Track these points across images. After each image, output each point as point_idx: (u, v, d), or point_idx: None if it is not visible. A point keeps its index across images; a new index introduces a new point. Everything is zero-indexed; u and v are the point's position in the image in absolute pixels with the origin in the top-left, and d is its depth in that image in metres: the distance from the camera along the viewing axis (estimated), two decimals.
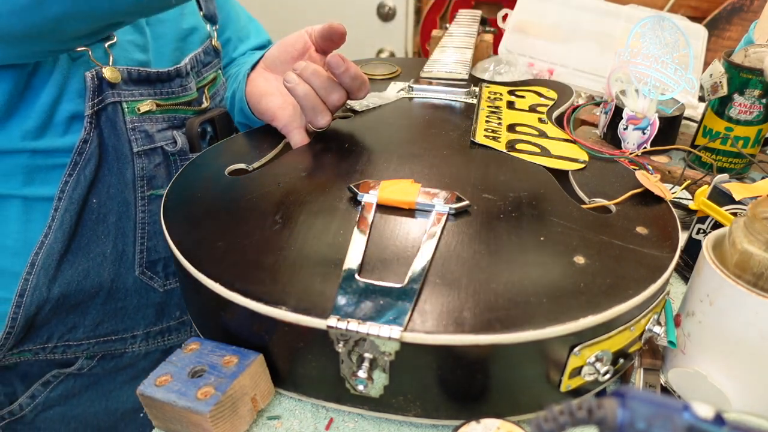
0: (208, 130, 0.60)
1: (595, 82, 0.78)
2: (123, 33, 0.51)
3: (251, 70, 0.56)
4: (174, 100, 0.55)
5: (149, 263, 0.55)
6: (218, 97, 0.63)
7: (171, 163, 0.56)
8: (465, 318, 0.31)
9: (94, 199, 0.51)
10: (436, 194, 0.39)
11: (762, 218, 0.31)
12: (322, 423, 0.35)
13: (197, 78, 0.59)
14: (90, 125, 0.49)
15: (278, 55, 0.55)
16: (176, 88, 0.55)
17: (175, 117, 0.56)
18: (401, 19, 1.50)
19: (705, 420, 0.17)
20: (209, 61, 0.61)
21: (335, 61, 0.47)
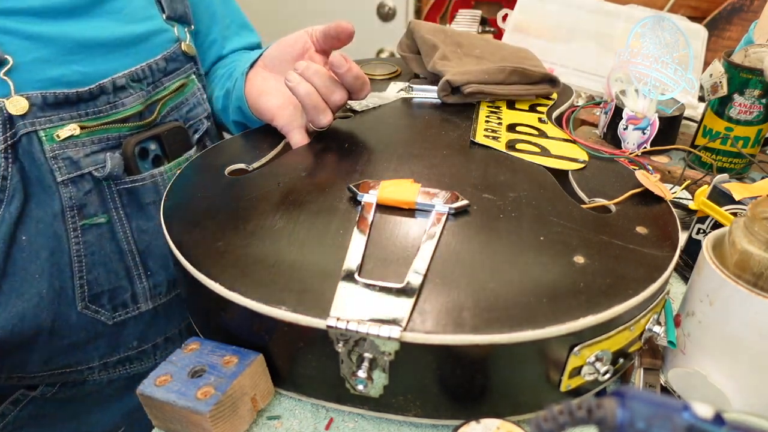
0: (151, 148, 0.53)
1: (595, 82, 0.78)
2: (25, 51, 0.45)
3: (249, 69, 0.55)
4: (103, 119, 0.49)
5: (92, 297, 0.51)
6: (186, 107, 0.57)
7: (104, 188, 0.50)
8: (465, 318, 0.31)
9: (23, 236, 0.47)
10: (436, 194, 0.39)
11: (762, 218, 0.31)
12: (322, 423, 0.35)
13: (151, 89, 0.53)
14: (6, 161, 0.45)
15: (277, 55, 0.54)
16: (103, 106, 0.49)
17: (108, 137, 0.50)
18: (401, 19, 1.50)
19: (705, 420, 0.17)
20: (174, 68, 0.55)
21: (338, 60, 0.46)
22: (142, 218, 0.52)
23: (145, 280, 0.54)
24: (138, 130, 0.52)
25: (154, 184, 0.52)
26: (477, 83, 0.56)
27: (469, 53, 0.64)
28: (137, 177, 0.51)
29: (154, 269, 0.54)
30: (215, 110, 0.63)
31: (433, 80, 0.61)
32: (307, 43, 0.53)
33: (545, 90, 0.60)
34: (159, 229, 0.48)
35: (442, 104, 0.59)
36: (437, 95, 0.58)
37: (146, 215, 0.52)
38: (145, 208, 0.52)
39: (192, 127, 0.58)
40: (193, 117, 0.58)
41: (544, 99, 0.62)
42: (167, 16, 0.55)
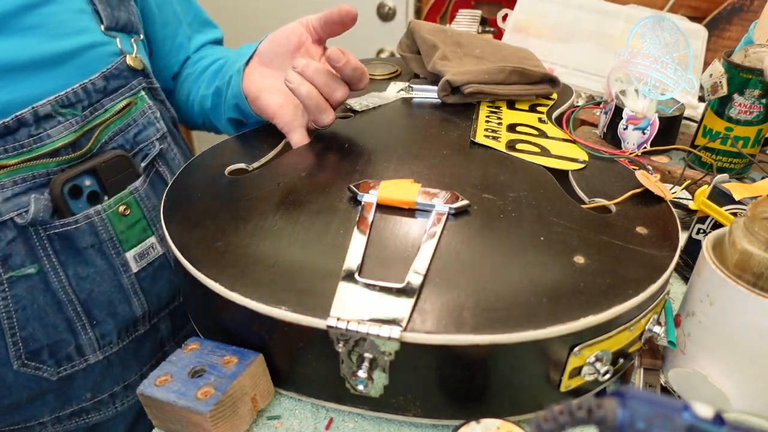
0: (85, 185, 0.45)
1: (595, 82, 0.78)
2: None
3: (245, 66, 0.53)
4: (26, 155, 0.42)
5: (30, 354, 0.46)
6: (134, 129, 0.50)
7: (31, 235, 0.44)
8: (465, 318, 0.31)
9: None
10: (436, 194, 0.39)
11: (762, 218, 0.31)
12: (322, 423, 0.35)
13: (88, 113, 0.46)
14: None
15: (273, 49, 0.52)
16: (25, 140, 0.42)
17: (34, 176, 0.43)
18: (401, 19, 1.50)
19: (705, 420, 0.17)
20: (117, 86, 0.48)
21: (335, 54, 0.45)
22: (80, 264, 0.46)
23: (90, 330, 0.48)
24: (71, 164, 0.45)
25: (91, 225, 0.46)
26: (477, 83, 0.56)
27: (469, 53, 0.64)
28: (69, 220, 0.45)
29: (100, 318, 0.48)
30: (203, 110, 0.60)
31: (433, 80, 0.61)
32: (303, 35, 0.52)
33: (545, 90, 0.60)
34: (103, 274, 0.47)
35: (442, 104, 0.59)
36: (437, 95, 0.58)
37: (85, 261, 0.46)
38: (83, 253, 0.46)
39: (141, 153, 0.51)
40: (143, 140, 0.51)
41: (544, 99, 0.62)
42: (107, 27, 0.48)
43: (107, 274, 0.48)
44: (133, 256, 0.49)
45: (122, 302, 0.49)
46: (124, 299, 0.49)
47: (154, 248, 0.51)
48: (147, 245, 0.51)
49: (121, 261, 0.48)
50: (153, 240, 0.51)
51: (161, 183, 0.53)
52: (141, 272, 0.50)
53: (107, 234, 0.47)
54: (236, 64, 0.54)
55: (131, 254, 0.49)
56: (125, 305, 0.50)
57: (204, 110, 0.61)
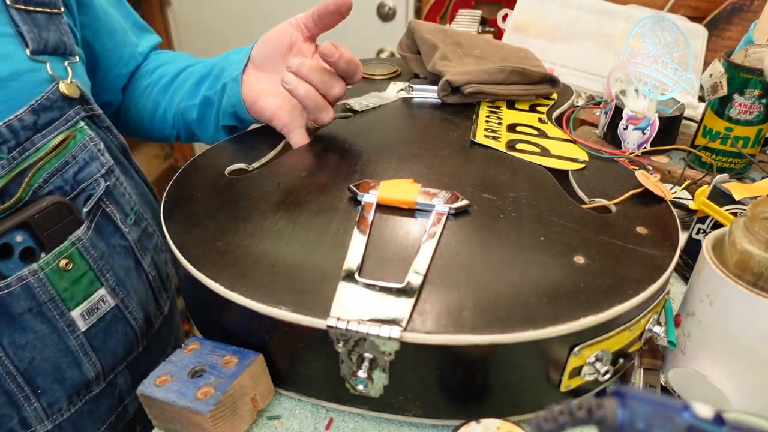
0: (16, 241, 0.39)
1: (595, 82, 0.78)
2: None
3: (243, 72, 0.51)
4: None
5: None
6: (73, 168, 0.43)
7: None
8: (465, 318, 0.31)
9: None
10: (436, 194, 0.39)
11: (762, 218, 0.31)
12: (322, 423, 0.35)
13: (17, 155, 0.39)
14: None
15: (266, 53, 0.51)
16: None
17: None
18: (401, 19, 1.50)
19: (705, 420, 0.17)
20: (50, 120, 0.41)
21: (329, 49, 0.45)
22: (16, 332, 0.40)
23: (35, 400, 0.42)
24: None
25: (27, 288, 0.39)
26: (477, 83, 0.56)
27: (469, 53, 0.64)
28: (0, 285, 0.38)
29: (46, 386, 0.42)
30: (185, 121, 0.57)
31: (433, 80, 0.61)
32: (294, 35, 0.51)
33: (545, 90, 0.60)
34: (44, 339, 0.41)
35: (442, 104, 0.59)
36: (437, 95, 0.58)
37: (22, 327, 0.40)
38: (19, 319, 0.40)
39: (83, 194, 0.44)
40: (85, 179, 0.44)
41: (544, 99, 0.62)
42: (33, 51, 0.41)
43: (50, 338, 0.41)
44: (80, 314, 0.43)
45: (70, 366, 0.43)
46: (73, 362, 0.43)
47: (104, 301, 0.45)
48: (96, 299, 0.44)
49: (66, 322, 0.42)
50: (102, 292, 0.44)
51: (109, 225, 0.46)
52: (90, 330, 0.44)
53: (47, 295, 0.40)
54: (228, 71, 0.53)
55: (77, 312, 0.43)
56: (74, 369, 0.43)
57: (185, 121, 0.58)
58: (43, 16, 0.43)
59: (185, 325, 1.64)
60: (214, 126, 0.57)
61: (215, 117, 0.56)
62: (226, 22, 1.61)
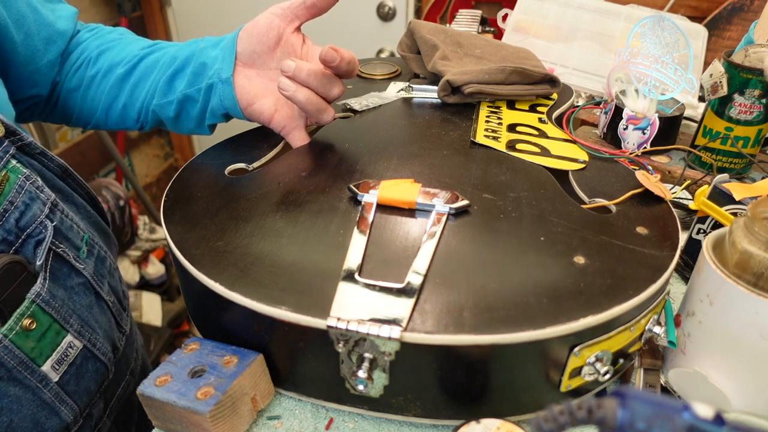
0: None
1: (595, 82, 0.78)
2: None
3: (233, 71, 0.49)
4: None
5: None
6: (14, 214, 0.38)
7: None
8: (465, 318, 0.31)
9: None
10: (436, 194, 0.39)
11: (762, 218, 0.31)
12: (322, 423, 0.35)
13: None
14: None
15: (254, 48, 0.49)
16: None
17: None
18: (401, 19, 1.50)
19: (705, 420, 0.17)
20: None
21: (330, 55, 0.44)
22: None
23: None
24: None
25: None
26: (477, 83, 0.56)
27: (469, 53, 0.64)
28: None
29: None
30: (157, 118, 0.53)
31: (434, 80, 0.61)
32: (280, 27, 0.49)
33: (545, 90, 0.60)
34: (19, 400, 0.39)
35: (443, 104, 0.59)
36: (437, 95, 0.58)
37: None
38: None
39: (30, 240, 0.40)
40: (29, 223, 0.39)
41: (544, 99, 0.62)
42: None
43: (25, 398, 0.40)
44: (50, 366, 0.41)
45: (49, 417, 0.42)
46: (51, 413, 0.42)
47: (72, 346, 0.43)
48: (64, 347, 0.42)
49: (38, 378, 0.40)
50: (69, 338, 0.42)
51: (64, 266, 0.42)
52: (63, 377, 0.42)
53: (15, 360, 0.38)
54: (213, 70, 0.49)
55: (48, 366, 0.41)
56: (53, 418, 0.42)
57: (158, 117, 0.54)
58: None
59: (185, 325, 1.65)
60: (195, 122, 0.53)
61: (199, 114, 0.52)
62: (226, 22, 1.61)
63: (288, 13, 0.49)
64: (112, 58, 0.53)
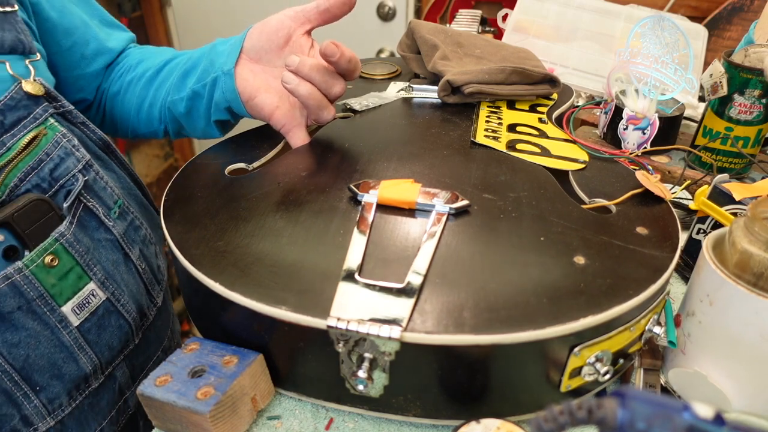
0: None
1: (595, 82, 0.78)
2: None
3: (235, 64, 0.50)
4: None
5: None
6: (48, 165, 0.43)
7: None
8: (465, 318, 0.31)
9: None
10: (437, 194, 0.39)
11: (762, 218, 0.31)
12: (322, 423, 0.35)
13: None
14: None
15: (262, 45, 0.49)
16: None
17: None
18: (401, 19, 1.50)
19: (705, 420, 0.17)
20: (17, 119, 0.41)
21: (330, 49, 0.44)
22: (8, 330, 0.40)
23: (34, 397, 0.42)
24: None
25: (13, 286, 0.39)
26: (477, 83, 0.56)
27: (469, 53, 0.64)
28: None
29: (44, 382, 0.42)
30: (172, 115, 0.56)
31: (434, 80, 0.61)
32: (291, 28, 0.50)
33: (545, 90, 0.60)
34: (37, 336, 0.41)
35: (443, 104, 0.59)
36: (437, 95, 0.58)
37: (13, 325, 0.40)
38: (9, 318, 0.40)
39: (62, 190, 0.44)
40: (62, 175, 0.44)
41: (544, 99, 0.62)
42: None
43: (43, 335, 0.42)
44: (71, 309, 0.43)
45: (67, 361, 0.43)
46: (69, 357, 0.43)
47: (95, 295, 0.45)
48: (85, 294, 0.44)
49: (57, 318, 0.42)
50: (92, 286, 0.44)
51: (92, 220, 0.45)
52: (83, 324, 0.44)
53: (35, 292, 0.40)
54: (218, 64, 0.51)
55: (68, 308, 0.43)
56: (71, 363, 0.44)
57: (173, 115, 0.56)
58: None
59: (185, 325, 1.65)
60: (204, 120, 0.55)
61: (206, 111, 0.53)
62: (226, 22, 1.61)
63: (300, 16, 0.50)
64: (147, 64, 0.58)
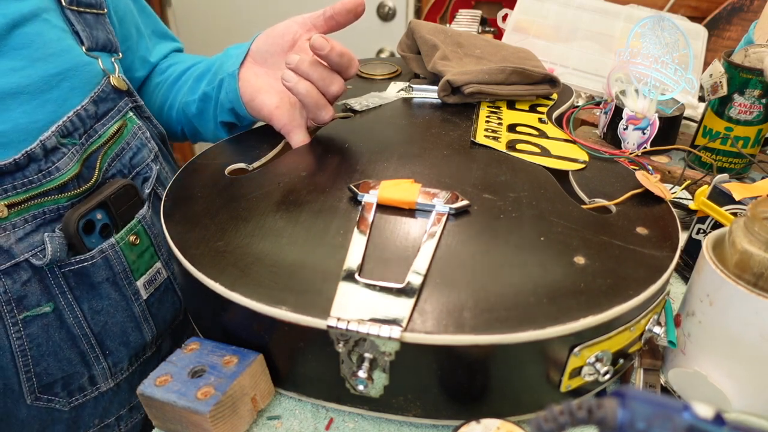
0: (97, 218, 0.44)
1: (595, 82, 0.78)
2: None
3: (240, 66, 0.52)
4: (34, 191, 0.41)
5: (43, 388, 0.45)
6: (129, 153, 0.49)
7: (46, 275, 0.42)
8: (465, 318, 0.31)
9: None
10: (437, 194, 0.39)
11: (762, 218, 0.31)
12: (322, 423, 0.35)
13: (85, 141, 0.44)
14: None
15: (268, 48, 0.52)
16: (34, 176, 0.41)
17: (45, 212, 0.42)
18: (401, 19, 1.50)
19: (705, 420, 0.17)
20: (107, 110, 0.46)
21: (319, 42, 0.44)
22: (94, 299, 0.46)
23: (103, 360, 0.48)
24: (78, 198, 0.44)
25: (106, 259, 0.45)
26: (477, 83, 0.56)
27: (469, 53, 0.64)
28: (86, 256, 0.44)
29: (113, 348, 0.48)
30: (186, 116, 0.59)
31: (434, 80, 0.61)
32: (297, 33, 0.51)
33: (545, 90, 0.60)
34: (116, 305, 0.47)
35: (443, 104, 0.59)
36: (437, 95, 0.58)
37: (99, 295, 0.46)
38: (98, 287, 0.46)
39: (140, 176, 0.50)
40: (139, 163, 0.50)
41: (544, 99, 0.62)
42: (88, 48, 0.47)
43: (120, 305, 0.48)
44: (143, 283, 0.49)
45: (134, 330, 0.49)
46: (136, 327, 0.50)
47: (161, 273, 0.52)
48: (155, 271, 0.51)
49: (132, 290, 0.48)
50: (159, 265, 0.51)
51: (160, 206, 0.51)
52: (149, 298, 0.50)
53: (120, 266, 0.47)
54: (226, 66, 0.53)
55: (141, 282, 0.49)
56: (137, 333, 0.50)
57: (187, 116, 0.59)
58: (92, 16, 0.48)
59: None
60: (213, 122, 0.57)
61: (214, 112, 0.56)
62: (226, 22, 1.61)
63: (307, 22, 0.51)
64: (173, 69, 0.62)
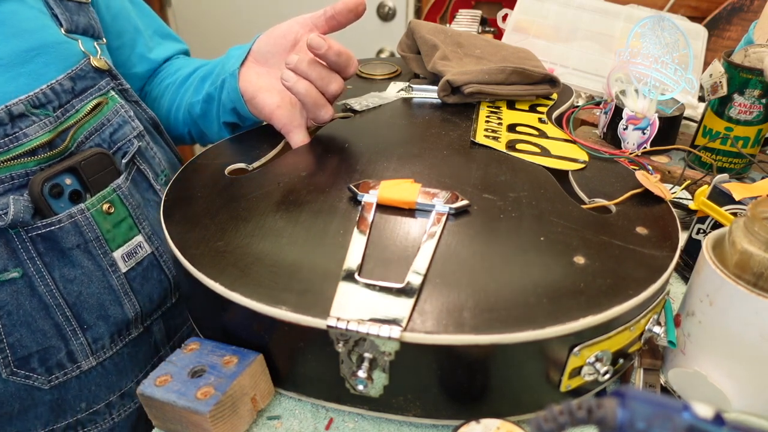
0: (66, 183, 0.44)
1: (595, 82, 0.78)
2: None
3: (241, 66, 0.52)
4: (2, 156, 0.41)
5: (19, 361, 0.44)
6: (109, 129, 0.49)
7: (12, 238, 0.42)
8: (465, 318, 0.31)
9: None
10: (436, 194, 0.39)
11: (762, 218, 0.31)
12: (322, 423, 0.35)
13: (60, 114, 0.45)
14: None
15: (269, 48, 0.52)
16: (1, 139, 0.41)
17: (12, 176, 0.42)
18: (401, 19, 1.50)
19: (705, 420, 0.17)
20: (85, 87, 0.47)
21: (316, 41, 0.45)
22: (66, 266, 0.45)
23: (81, 334, 0.46)
24: (49, 163, 0.44)
25: (75, 225, 0.44)
26: (477, 83, 0.56)
27: (469, 53, 0.64)
28: (52, 220, 0.43)
29: (91, 321, 0.47)
30: (191, 117, 0.60)
31: (434, 80, 0.61)
32: (299, 33, 0.52)
33: (545, 90, 0.60)
34: (90, 275, 0.45)
35: (442, 104, 0.59)
36: (437, 95, 0.58)
37: (71, 262, 0.45)
38: (69, 254, 0.45)
39: (120, 151, 0.50)
40: (120, 138, 0.50)
41: (544, 99, 0.62)
42: (67, 29, 0.48)
43: (95, 275, 0.46)
44: (120, 255, 0.48)
45: (113, 304, 0.48)
46: (115, 301, 0.48)
47: (142, 247, 0.50)
48: (134, 244, 0.49)
49: (108, 261, 0.47)
50: (140, 238, 0.50)
51: (143, 181, 0.52)
52: (130, 272, 0.49)
53: (92, 233, 0.45)
54: (228, 66, 0.53)
55: (119, 254, 0.48)
56: (116, 307, 0.48)
57: (192, 117, 0.59)
58: (74, 4, 0.50)
59: None
60: (216, 122, 0.57)
61: (217, 113, 0.56)
62: (226, 22, 1.61)
63: (309, 22, 0.52)
64: (182, 71, 0.62)
